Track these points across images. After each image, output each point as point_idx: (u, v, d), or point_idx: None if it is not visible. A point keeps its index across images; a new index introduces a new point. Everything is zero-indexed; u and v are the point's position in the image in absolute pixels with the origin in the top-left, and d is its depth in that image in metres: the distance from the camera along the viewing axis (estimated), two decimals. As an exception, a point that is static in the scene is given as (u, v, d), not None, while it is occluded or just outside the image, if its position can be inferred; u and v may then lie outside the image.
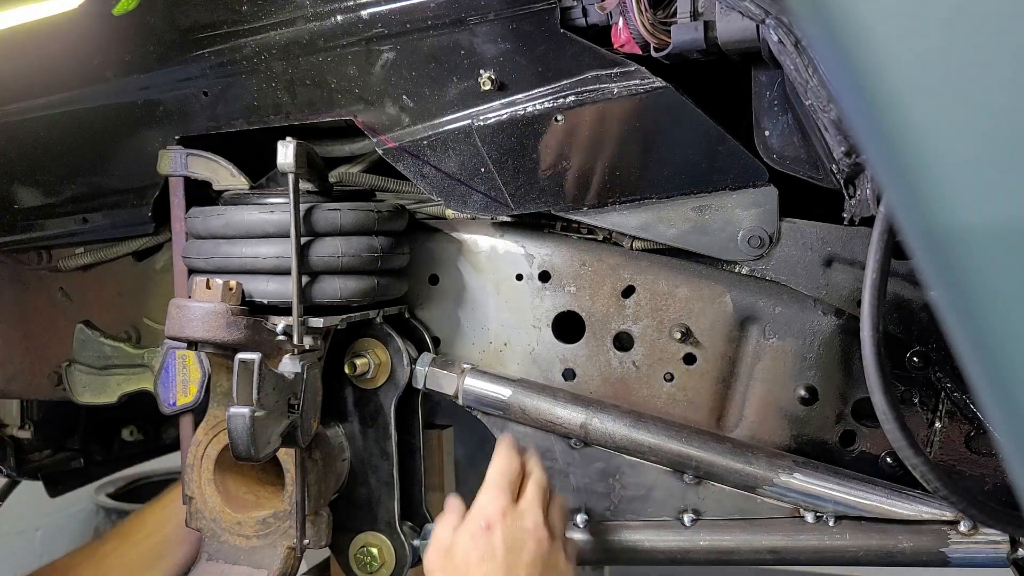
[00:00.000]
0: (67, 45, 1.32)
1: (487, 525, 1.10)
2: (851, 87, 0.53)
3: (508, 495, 1.13)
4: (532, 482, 1.16)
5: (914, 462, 1.05)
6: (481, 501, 1.13)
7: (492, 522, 1.10)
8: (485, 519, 1.11)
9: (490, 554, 1.09)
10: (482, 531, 1.10)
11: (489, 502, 1.12)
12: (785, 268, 1.23)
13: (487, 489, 1.14)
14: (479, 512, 1.12)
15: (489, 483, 1.14)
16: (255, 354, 1.09)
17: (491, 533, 1.10)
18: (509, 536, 1.10)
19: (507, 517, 1.11)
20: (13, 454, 1.72)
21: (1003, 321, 0.52)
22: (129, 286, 1.53)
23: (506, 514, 1.11)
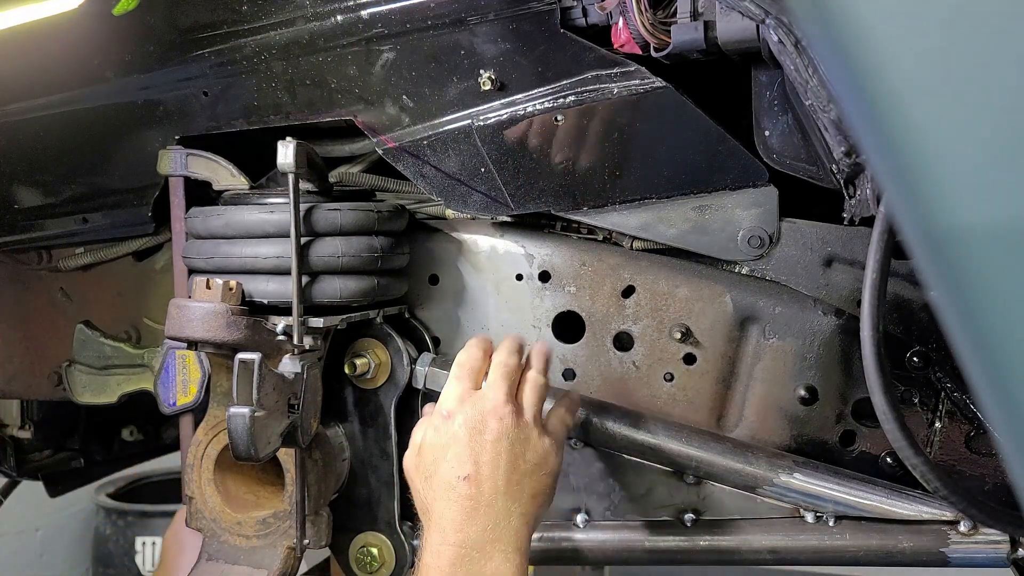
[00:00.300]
0: (67, 45, 1.32)
1: (447, 414, 1.12)
2: (851, 87, 0.53)
3: (468, 383, 1.14)
4: (495, 364, 1.16)
5: (914, 462, 1.05)
6: (443, 394, 1.15)
7: (452, 410, 1.12)
8: (445, 409, 1.13)
9: (453, 439, 1.10)
10: (443, 421, 1.12)
11: (448, 393, 1.15)
12: (785, 268, 1.23)
13: (448, 383, 1.16)
14: (439, 405, 1.14)
15: (450, 376, 1.16)
16: (255, 354, 1.09)
17: (451, 420, 1.11)
18: (469, 419, 1.11)
19: (465, 403, 1.12)
20: (13, 454, 1.72)
21: (1003, 321, 0.52)
22: (129, 286, 1.52)
23: (464, 400, 1.12)
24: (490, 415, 1.11)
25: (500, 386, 1.13)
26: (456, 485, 1.08)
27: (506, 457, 1.10)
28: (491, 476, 1.08)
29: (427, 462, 1.12)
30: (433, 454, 1.11)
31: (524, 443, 1.11)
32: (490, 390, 1.13)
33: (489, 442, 1.10)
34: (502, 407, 1.11)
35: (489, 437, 1.10)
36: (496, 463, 1.09)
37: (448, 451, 1.10)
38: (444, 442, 1.11)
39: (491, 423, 1.10)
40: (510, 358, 1.17)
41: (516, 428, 1.11)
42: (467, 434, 1.10)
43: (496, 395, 1.12)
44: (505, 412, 1.11)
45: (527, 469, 1.11)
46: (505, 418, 1.11)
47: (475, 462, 1.09)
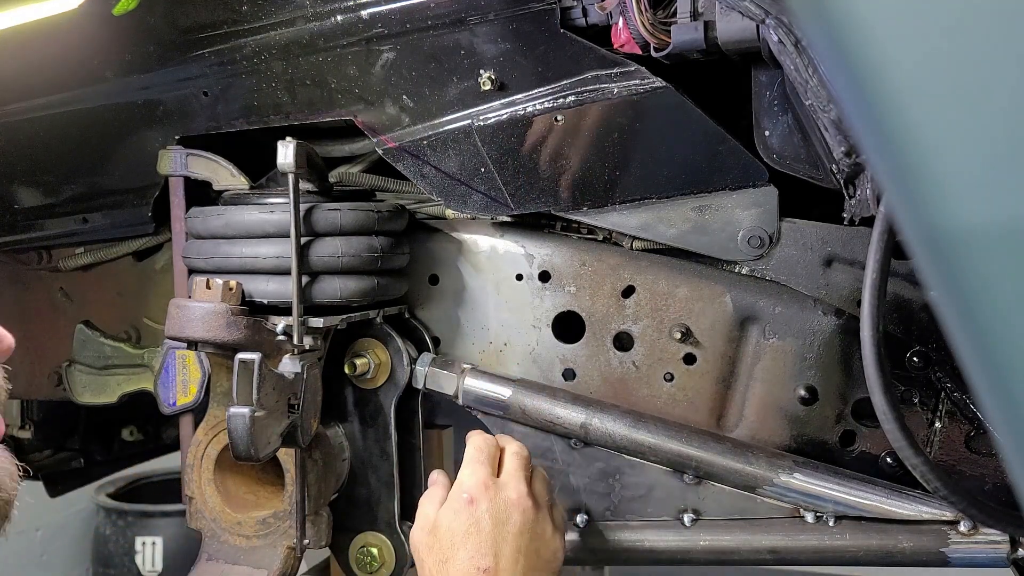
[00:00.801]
0: (67, 45, 1.32)
1: (470, 499, 1.09)
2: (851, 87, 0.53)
3: (488, 468, 1.12)
4: (511, 454, 1.16)
5: (914, 462, 1.05)
6: (462, 476, 1.12)
7: (475, 496, 1.09)
8: (468, 493, 1.10)
9: (475, 527, 1.08)
10: (465, 505, 1.09)
11: (470, 476, 1.11)
12: (785, 268, 1.23)
13: (467, 464, 1.13)
14: (461, 487, 1.11)
15: (468, 459, 1.14)
16: (255, 354, 1.09)
17: (475, 506, 1.09)
18: (493, 508, 1.09)
19: (490, 490, 1.10)
20: (13, 454, 1.71)
21: (1003, 321, 0.52)
22: (129, 286, 1.52)
23: (488, 487, 1.10)
24: (514, 507, 1.09)
25: (520, 476, 1.12)
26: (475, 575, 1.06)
27: (525, 553, 1.08)
28: (509, 570, 1.07)
29: (444, 545, 1.09)
30: (451, 538, 1.08)
31: (540, 539, 1.10)
32: (512, 479, 1.12)
33: (511, 535, 1.08)
34: (525, 499, 1.10)
35: (512, 530, 1.08)
36: (516, 559, 1.07)
37: (469, 539, 1.07)
38: (465, 529, 1.08)
39: (514, 515, 1.09)
40: (522, 449, 1.17)
41: (535, 522, 1.10)
42: (491, 524, 1.08)
43: (519, 486, 1.11)
44: (528, 505, 1.10)
45: (541, 566, 1.10)
46: (527, 511, 1.10)
47: (496, 555, 1.07)
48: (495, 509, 1.09)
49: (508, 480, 1.12)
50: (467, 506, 1.09)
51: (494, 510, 1.08)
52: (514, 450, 1.16)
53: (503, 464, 1.14)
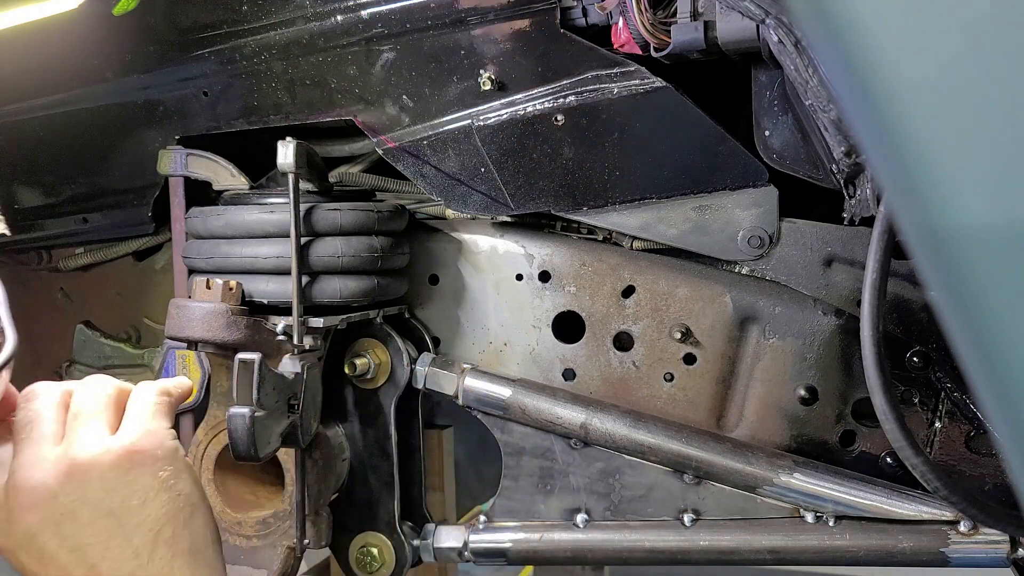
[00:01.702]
0: (67, 45, 1.32)
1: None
2: (851, 87, 0.53)
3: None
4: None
5: (914, 462, 1.05)
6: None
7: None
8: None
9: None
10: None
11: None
12: (785, 268, 1.23)
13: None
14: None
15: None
16: (255, 354, 1.09)
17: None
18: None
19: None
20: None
21: (1003, 321, 0.52)
22: (129, 286, 1.53)
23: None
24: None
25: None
26: None
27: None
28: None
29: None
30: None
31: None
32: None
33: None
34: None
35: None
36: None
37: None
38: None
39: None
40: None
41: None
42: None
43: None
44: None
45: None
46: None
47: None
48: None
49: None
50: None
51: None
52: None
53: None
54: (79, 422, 0.92)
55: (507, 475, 1.32)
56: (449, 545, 1.33)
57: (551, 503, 1.32)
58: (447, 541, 1.33)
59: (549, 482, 1.32)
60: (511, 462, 1.32)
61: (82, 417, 0.93)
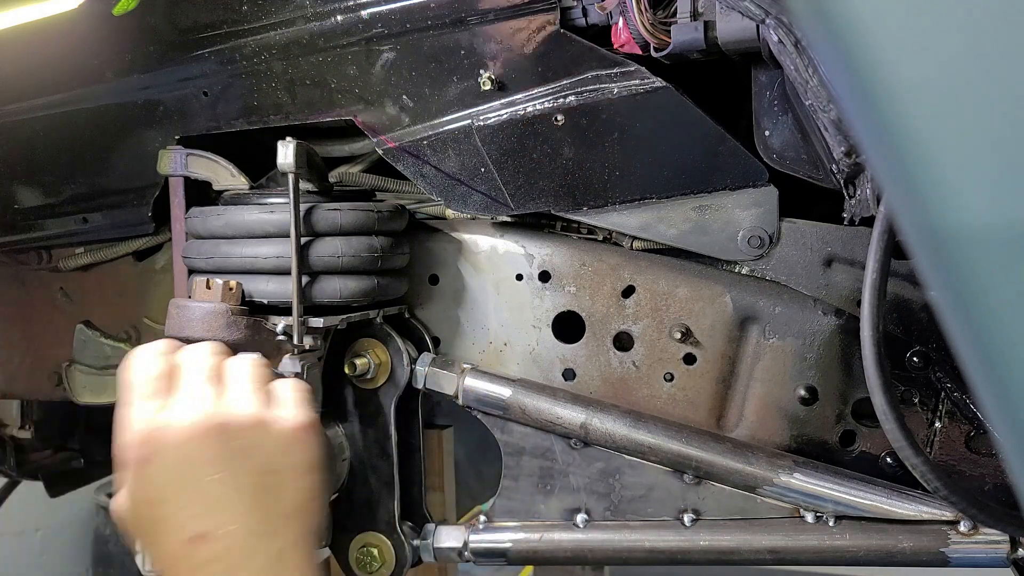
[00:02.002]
0: (67, 45, 1.32)
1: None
2: (851, 87, 0.53)
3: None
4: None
5: (914, 462, 1.05)
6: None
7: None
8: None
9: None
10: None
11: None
12: (785, 268, 1.23)
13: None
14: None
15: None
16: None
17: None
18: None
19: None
20: (13, 454, 1.72)
21: (1003, 321, 0.52)
22: (129, 286, 1.53)
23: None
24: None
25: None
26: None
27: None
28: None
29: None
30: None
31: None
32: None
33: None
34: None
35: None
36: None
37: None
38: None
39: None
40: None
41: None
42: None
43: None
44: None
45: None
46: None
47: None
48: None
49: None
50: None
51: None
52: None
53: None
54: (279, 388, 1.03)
55: (507, 475, 1.32)
56: (449, 545, 1.33)
57: (551, 503, 1.32)
58: (447, 541, 1.33)
59: (549, 482, 1.32)
60: (511, 462, 1.32)
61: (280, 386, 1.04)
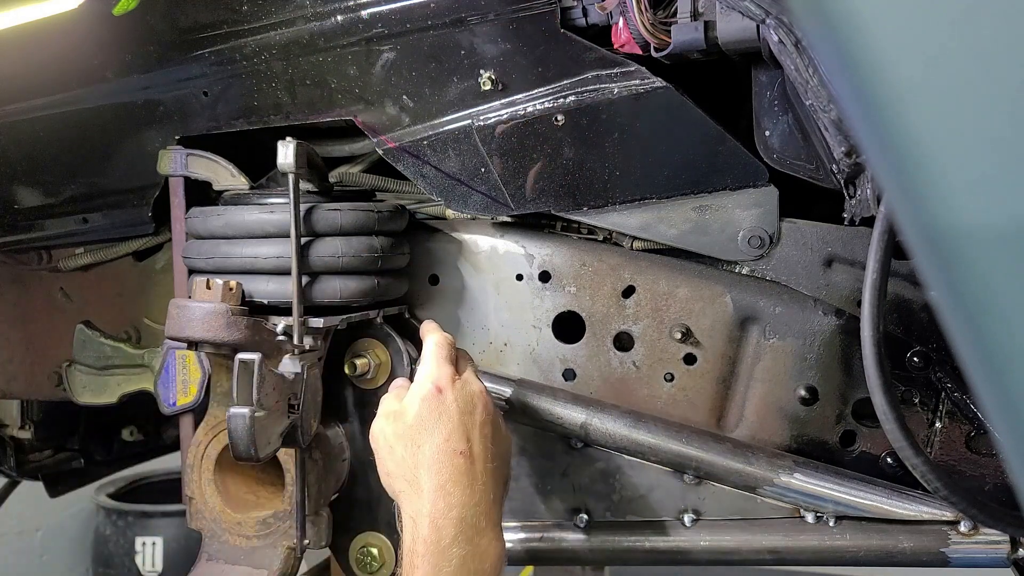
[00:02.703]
0: (67, 45, 1.32)
1: (438, 389, 1.11)
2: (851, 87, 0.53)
3: (451, 364, 1.15)
4: (465, 358, 1.20)
5: (914, 462, 1.05)
6: (428, 370, 1.14)
7: (443, 386, 1.12)
8: (434, 383, 1.12)
9: (445, 414, 1.10)
10: (434, 394, 1.11)
11: (435, 369, 1.14)
12: (785, 268, 1.23)
13: (431, 359, 1.15)
14: (428, 378, 1.13)
15: (431, 355, 1.16)
16: (255, 354, 1.09)
17: (443, 395, 1.11)
18: (461, 398, 1.11)
19: (455, 382, 1.13)
20: (13, 454, 1.72)
21: (1003, 321, 0.52)
22: (129, 286, 1.53)
23: (454, 379, 1.13)
24: (478, 399, 1.12)
25: (475, 373, 1.17)
26: (453, 458, 1.07)
27: (491, 441, 1.11)
28: (481, 456, 1.09)
29: (414, 431, 1.10)
30: (421, 424, 1.10)
31: (498, 432, 1.14)
32: (471, 375, 1.15)
33: (478, 423, 1.11)
34: (485, 394, 1.14)
35: (478, 419, 1.11)
36: (484, 444, 1.10)
37: (440, 425, 1.09)
38: (436, 415, 1.10)
39: (479, 406, 1.12)
40: (466, 353, 1.23)
41: (494, 415, 1.14)
42: (459, 413, 1.10)
43: (479, 382, 1.15)
44: (488, 400, 1.14)
45: (501, 455, 1.13)
46: (488, 405, 1.13)
47: (468, 439, 1.09)
48: (462, 399, 1.11)
49: (469, 376, 1.15)
50: (436, 395, 1.11)
51: (461, 400, 1.11)
52: (466, 356, 1.21)
53: (458, 365, 1.17)
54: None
55: (507, 475, 1.32)
56: None
57: (551, 503, 1.32)
58: None
59: (549, 482, 1.32)
60: (511, 462, 1.32)
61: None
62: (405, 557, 1.07)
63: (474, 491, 1.07)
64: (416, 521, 1.07)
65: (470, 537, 1.05)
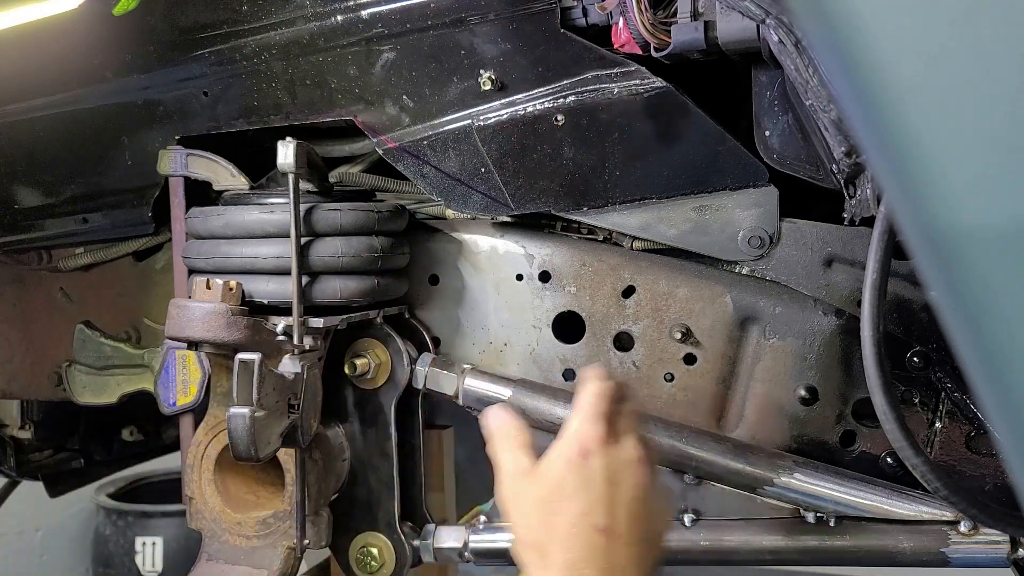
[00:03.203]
0: (67, 45, 1.32)
1: (583, 451, 0.97)
2: (851, 87, 0.53)
3: (605, 422, 0.99)
4: (627, 411, 1.04)
5: (914, 462, 1.05)
6: (575, 427, 0.99)
7: (590, 449, 0.97)
8: (580, 445, 0.97)
9: (588, 483, 0.96)
10: (578, 458, 0.97)
11: (584, 427, 0.99)
12: (785, 268, 1.23)
13: (582, 415, 1.00)
14: (576, 438, 0.98)
15: (584, 409, 1.00)
16: (255, 354, 1.09)
17: (588, 461, 0.96)
18: (609, 466, 0.97)
19: (605, 446, 0.98)
20: (13, 454, 1.72)
21: (1003, 321, 0.52)
22: (129, 286, 1.53)
23: (604, 442, 0.98)
24: (630, 468, 0.98)
25: (636, 436, 1.02)
26: (591, 535, 0.94)
27: (641, 518, 0.97)
28: (626, 536, 0.95)
29: (552, 496, 0.97)
30: (559, 490, 0.96)
31: (651, 506, 1.00)
32: (629, 438, 1.01)
33: (626, 498, 0.97)
34: (643, 465, 1.00)
35: (626, 493, 0.97)
36: (632, 523, 0.96)
37: (581, 494, 0.96)
38: (576, 483, 0.96)
39: (629, 477, 0.98)
40: (639, 404, 1.08)
41: (648, 488, 1.00)
42: (604, 483, 0.96)
43: (636, 447, 1.00)
44: (644, 471, 0.99)
45: (651, 537, 0.99)
46: (642, 476, 0.99)
47: (612, 515, 0.95)
48: (610, 468, 0.97)
49: (625, 438, 1.00)
50: (580, 459, 0.96)
51: (609, 469, 0.97)
52: (631, 408, 1.05)
53: (618, 420, 1.02)
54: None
55: (507, 475, 1.32)
56: (449, 545, 1.33)
57: (551, 503, 1.31)
58: (447, 541, 1.33)
59: (549, 482, 1.32)
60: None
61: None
62: None
63: (610, 574, 0.94)
64: None
65: None
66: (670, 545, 1.28)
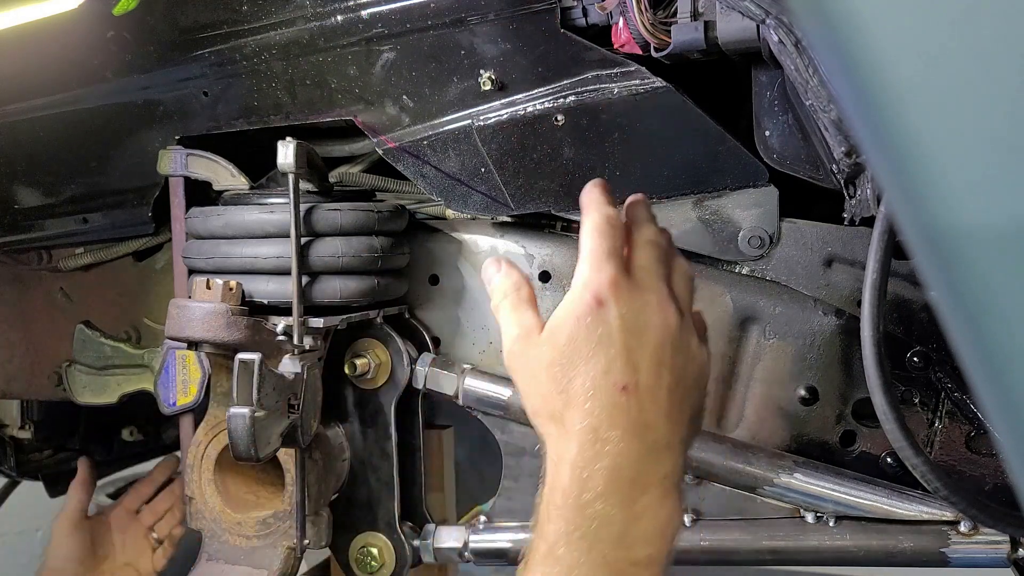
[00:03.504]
0: (67, 45, 1.32)
1: (597, 301, 0.84)
2: (851, 87, 0.53)
3: (617, 261, 0.87)
4: (644, 243, 0.90)
5: (914, 462, 1.05)
6: (584, 273, 0.86)
7: (603, 297, 0.84)
8: (593, 294, 0.84)
9: (605, 338, 0.83)
10: (591, 309, 0.84)
11: (592, 275, 0.85)
12: (785, 268, 1.23)
13: (589, 257, 0.86)
14: (584, 287, 0.85)
15: (590, 249, 0.87)
16: (255, 354, 1.09)
17: (604, 310, 0.84)
18: (627, 313, 0.84)
19: (621, 289, 0.85)
20: (13, 454, 1.72)
21: (1003, 321, 0.52)
22: (129, 286, 1.53)
23: (619, 285, 0.85)
24: (653, 311, 0.85)
25: (659, 274, 0.88)
26: (612, 395, 0.82)
27: (669, 369, 0.85)
28: (652, 390, 0.84)
29: (566, 358, 0.84)
30: (575, 350, 0.84)
31: (685, 351, 0.87)
32: (649, 279, 0.87)
33: (651, 346, 0.84)
34: (667, 304, 0.86)
35: (651, 339, 0.84)
36: (659, 373, 0.84)
37: (600, 351, 0.83)
38: (592, 339, 0.83)
39: (654, 321, 0.85)
40: (660, 235, 0.92)
41: (679, 330, 0.86)
42: (623, 333, 0.83)
43: (658, 285, 0.87)
44: (670, 312, 0.86)
45: (689, 385, 0.88)
46: (669, 317, 0.86)
47: (633, 367, 0.83)
48: (630, 313, 0.84)
49: (643, 277, 0.87)
50: (594, 310, 0.84)
51: (628, 315, 0.84)
52: (648, 237, 0.90)
53: (633, 254, 0.88)
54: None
55: (507, 475, 1.32)
56: (449, 545, 1.33)
57: (551, 503, 1.31)
58: (447, 541, 1.33)
59: (549, 482, 1.32)
60: (511, 462, 1.32)
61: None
62: (541, 506, 0.84)
63: (637, 437, 0.82)
64: (558, 466, 0.83)
65: (625, 495, 0.81)
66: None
